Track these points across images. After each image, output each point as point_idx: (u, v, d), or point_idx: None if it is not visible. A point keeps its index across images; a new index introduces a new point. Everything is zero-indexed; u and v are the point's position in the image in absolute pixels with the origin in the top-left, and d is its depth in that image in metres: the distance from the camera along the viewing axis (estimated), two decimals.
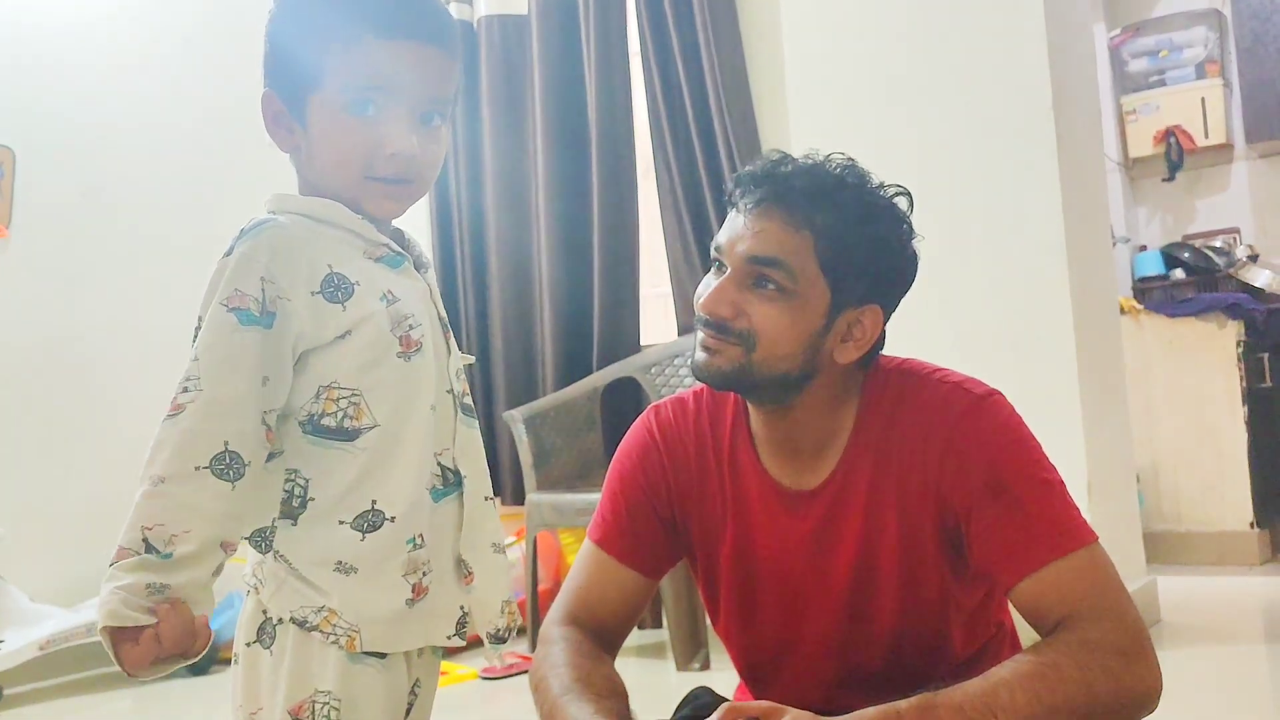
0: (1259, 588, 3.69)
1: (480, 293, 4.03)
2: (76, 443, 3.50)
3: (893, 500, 1.17)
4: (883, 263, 1.18)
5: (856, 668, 1.22)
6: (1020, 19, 2.97)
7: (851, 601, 1.19)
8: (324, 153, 1.08)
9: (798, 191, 1.15)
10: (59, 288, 3.51)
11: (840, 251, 1.14)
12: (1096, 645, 1.04)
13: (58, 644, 3.06)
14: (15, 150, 3.41)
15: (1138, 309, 4.29)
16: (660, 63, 3.61)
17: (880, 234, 1.17)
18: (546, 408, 3.44)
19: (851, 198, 1.16)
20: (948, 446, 1.14)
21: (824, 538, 1.20)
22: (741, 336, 1.15)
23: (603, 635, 1.30)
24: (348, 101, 1.04)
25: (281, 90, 1.08)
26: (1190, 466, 4.13)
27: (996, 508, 1.11)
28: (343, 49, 1.04)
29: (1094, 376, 2.99)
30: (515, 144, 3.98)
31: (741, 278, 1.16)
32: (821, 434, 1.21)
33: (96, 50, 3.68)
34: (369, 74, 1.04)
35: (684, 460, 1.29)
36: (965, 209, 3.02)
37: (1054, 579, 1.08)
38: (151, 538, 0.95)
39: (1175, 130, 4.69)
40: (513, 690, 2.88)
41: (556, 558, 3.74)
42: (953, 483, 1.13)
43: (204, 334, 1.02)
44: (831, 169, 1.18)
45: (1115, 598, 1.09)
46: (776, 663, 1.27)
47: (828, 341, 1.17)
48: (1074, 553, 1.09)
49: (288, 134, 1.09)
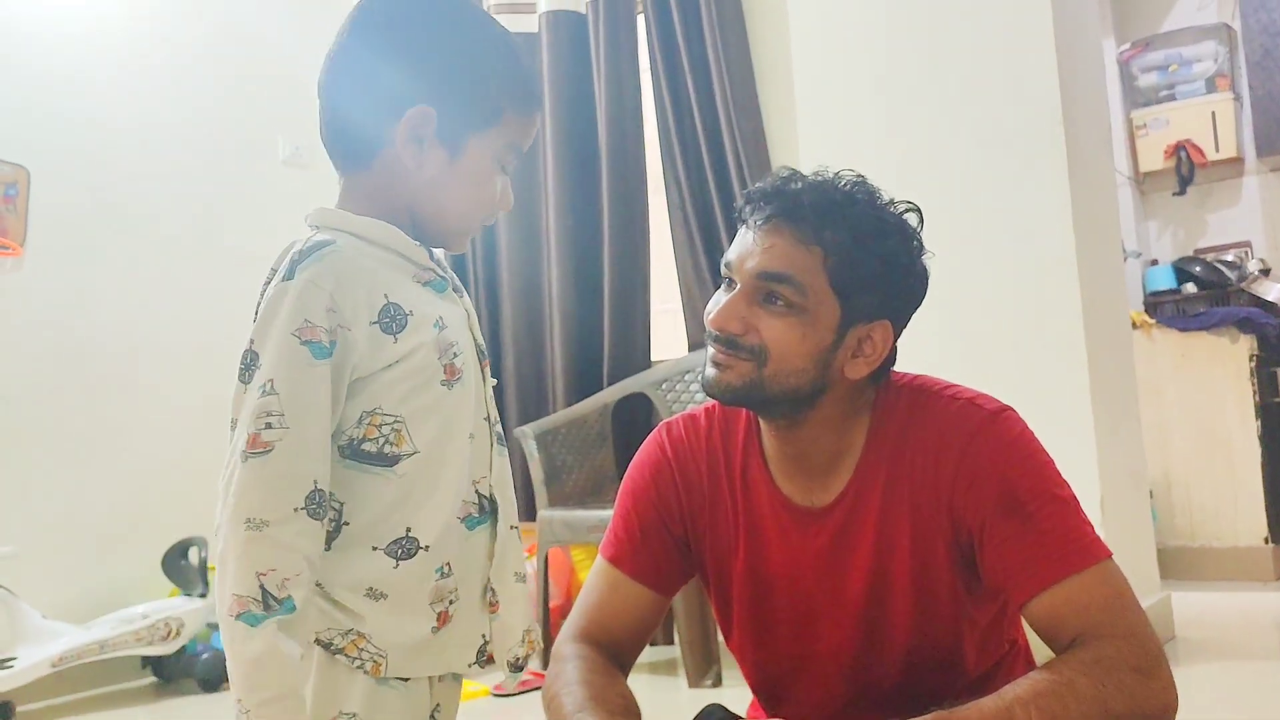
0: (1274, 603, 3.67)
1: (491, 309, 4.04)
2: (89, 460, 3.51)
3: (905, 517, 1.17)
4: (892, 278, 1.18)
5: (869, 685, 1.22)
6: (1029, 34, 2.98)
7: (865, 618, 1.19)
8: (458, 188, 1.11)
9: (807, 208, 1.15)
10: (73, 305, 3.53)
11: (850, 267, 1.14)
12: (1112, 663, 1.03)
13: (70, 661, 3.06)
14: (30, 169, 3.44)
15: (1149, 323, 4.28)
16: (670, 79, 3.62)
17: (890, 250, 1.17)
18: (558, 424, 3.44)
19: (861, 214, 1.16)
20: (960, 463, 1.14)
21: (837, 554, 1.20)
22: (752, 352, 1.15)
23: (616, 652, 1.30)
24: (501, 153, 1.12)
25: (448, 113, 1.08)
26: (1203, 481, 4.12)
27: (1010, 524, 1.11)
28: (521, 106, 1.11)
29: (1106, 391, 2.98)
30: (525, 160, 3.99)
31: (751, 294, 1.16)
32: (833, 450, 1.21)
33: (109, 69, 3.71)
34: (524, 138, 1.14)
35: (696, 477, 1.29)
36: (976, 224, 3.02)
37: (1068, 595, 1.08)
38: (266, 584, 0.94)
39: (1185, 144, 4.69)
40: (524, 708, 2.87)
41: (568, 574, 3.74)
42: (965, 499, 1.13)
43: (279, 366, 1.00)
44: (841, 185, 1.18)
45: (1130, 614, 1.09)
46: (790, 679, 1.27)
47: (838, 357, 1.17)
48: (1088, 569, 1.09)
49: (417, 151, 1.07)
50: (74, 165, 3.57)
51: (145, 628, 3.22)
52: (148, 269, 3.73)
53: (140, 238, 3.72)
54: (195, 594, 3.37)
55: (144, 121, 3.77)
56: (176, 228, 3.82)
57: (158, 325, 3.73)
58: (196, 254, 3.87)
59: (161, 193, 3.80)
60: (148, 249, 3.74)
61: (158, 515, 3.60)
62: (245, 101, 4.10)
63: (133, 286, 3.68)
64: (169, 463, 3.70)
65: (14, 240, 3.38)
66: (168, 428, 3.71)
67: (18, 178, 3.41)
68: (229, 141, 4.03)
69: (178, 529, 3.53)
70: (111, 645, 3.16)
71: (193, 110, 3.92)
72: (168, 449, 3.70)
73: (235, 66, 4.08)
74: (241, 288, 4.02)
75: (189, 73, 3.93)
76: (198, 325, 3.85)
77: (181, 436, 3.74)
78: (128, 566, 3.47)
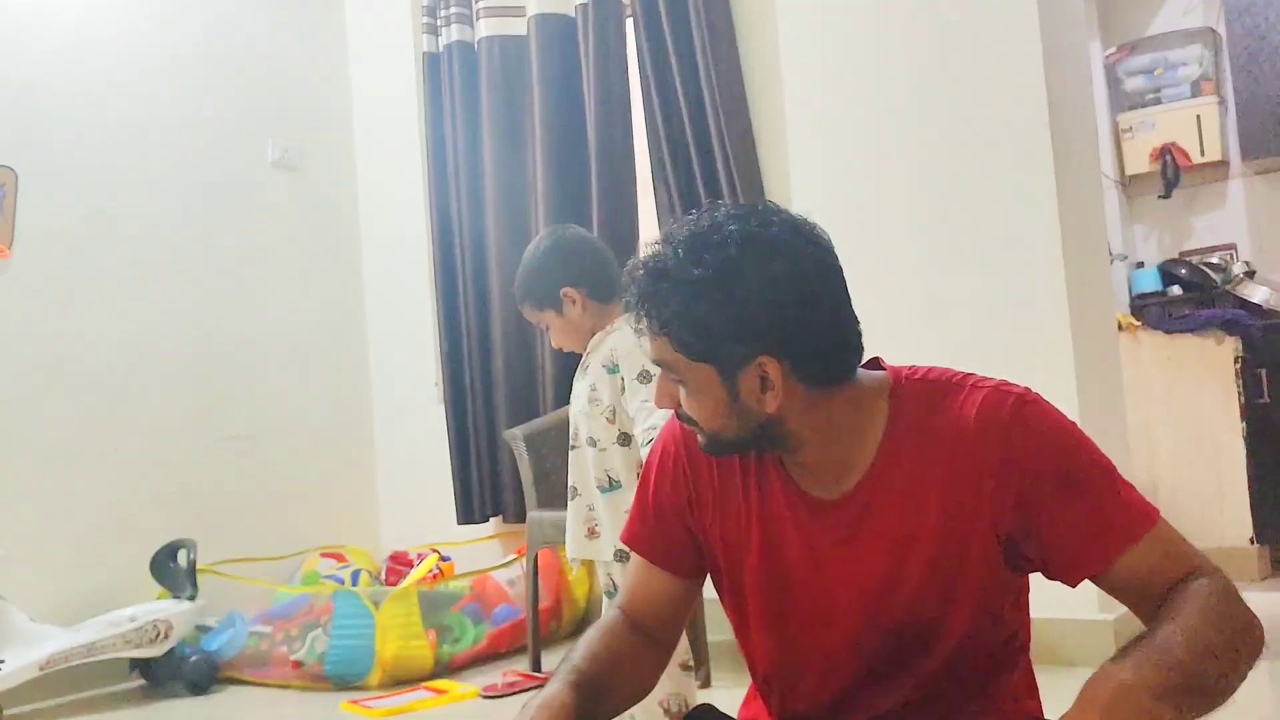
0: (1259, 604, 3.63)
1: (481, 311, 4.05)
2: (77, 463, 3.50)
3: (933, 506, 1.18)
4: (744, 322, 1.14)
5: (886, 673, 1.24)
6: (1016, 38, 3.00)
7: (881, 608, 1.21)
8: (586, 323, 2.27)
9: (643, 297, 1.18)
10: (60, 308, 3.52)
11: (691, 335, 1.15)
12: (1212, 596, 1.11)
13: (58, 664, 3.06)
14: (17, 171, 3.43)
15: (1135, 326, 4.30)
16: (659, 81, 3.63)
17: (733, 296, 1.14)
18: (547, 426, 3.44)
19: (686, 278, 1.15)
20: (1007, 451, 1.16)
21: (853, 545, 1.21)
22: (690, 420, 1.23)
23: (646, 630, 1.35)
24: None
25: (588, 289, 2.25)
26: (1189, 483, 4.14)
27: (1075, 504, 1.15)
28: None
29: (1092, 393, 3.00)
30: (515, 163, 4.00)
31: (665, 375, 1.23)
32: (845, 454, 1.22)
33: (98, 71, 3.70)
34: None
35: (704, 467, 1.31)
36: (963, 227, 3.04)
37: (1144, 555, 1.14)
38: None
39: (1171, 147, 4.72)
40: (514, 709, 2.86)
41: (557, 575, 3.74)
42: (1019, 485, 1.16)
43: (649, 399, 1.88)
44: (674, 248, 1.17)
45: (1197, 554, 1.17)
46: (805, 670, 1.29)
47: (748, 404, 1.17)
48: (1155, 527, 1.16)
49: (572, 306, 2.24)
50: (62, 167, 3.57)
51: (133, 630, 3.21)
52: (136, 271, 3.73)
53: (128, 239, 3.72)
54: (184, 596, 3.37)
55: (132, 123, 3.77)
56: (165, 229, 3.82)
57: (146, 327, 3.73)
58: (185, 255, 3.87)
59: (150, 194, 3.80)
60: (136, 251, 3.73)
61: (145, 518, 3.59)
62: (235, 104, 4.10)
63: (121, 288, 3.68)
64: (157, 465, 3.69)
65: (1, 242, 3.37)
66: (155, 430, 3.71)
67: (5, 179, 3.40)
68: (218, 143, 4.03)
69: (166, 532, 3.52)
70: (100, 648, 3.15)
71: (182, 112, 3.91)
72: (155, 452, 3.70)
73: (225, 69, 4.08)
74: (229, 289, 4.05)
75: (178, 75, 3.93)
76: (186, 327, 3.84)
77: (169, 439, 3.74)
78: (116, 569, 3.46)
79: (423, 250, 4.29)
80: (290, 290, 4.21)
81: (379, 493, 4.45)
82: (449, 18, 4.15)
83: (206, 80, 4.01)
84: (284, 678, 3.30)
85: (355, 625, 3.24)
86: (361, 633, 3.23)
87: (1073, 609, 2.68)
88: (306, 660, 3.25)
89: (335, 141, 4.46)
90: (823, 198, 3.23)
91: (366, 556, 4.16)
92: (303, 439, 4.19)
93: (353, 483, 4.38)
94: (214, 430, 3.87)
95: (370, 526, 4.39)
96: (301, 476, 4.16)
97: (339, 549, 4.11)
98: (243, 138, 4.11)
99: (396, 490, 4.42)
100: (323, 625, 3.28)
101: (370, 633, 3.21)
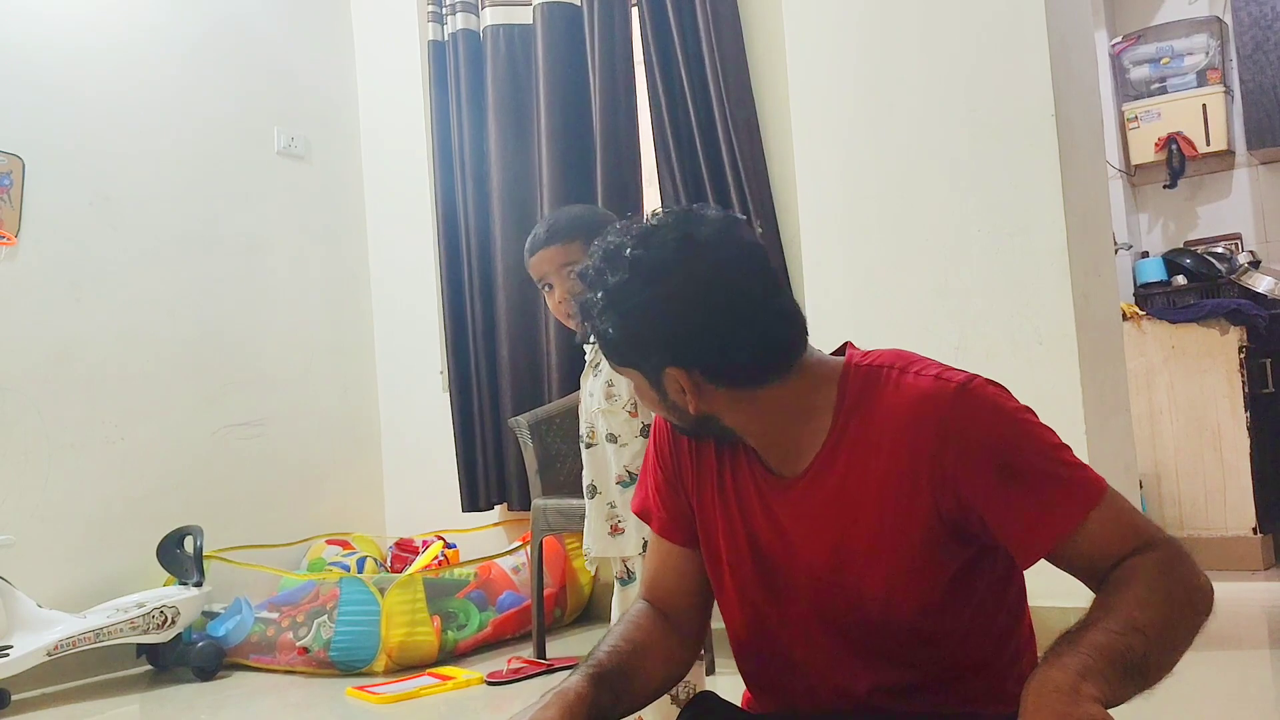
0: (1262, 593, 3.70)
1: (486, 300, 4.05)
2: (84, 450, 3.52)
3: (872, 489, 1.20)
4: (641, 337, 1.21)
5: (854, 646, 1.26)
6: (1022, 27, 2.99)
7: (834, 584, 1.24)
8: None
9: (581, 307, 1.26)
10: (68, 295, 3.53)
11: (608, 348, 1.24)
12: (1159, 566, 1.11)
13: (65, 649, 3.08)
14: (25, 159, 3.44)
15: (1140, 315, 4.30)
16: (664, 70, 3.63)
17: (630, 316, 1.20)
18: (551, 414, 3.45)
19: (596, 295, 1.22)
20: (942, 439, 1.16)
21: (803, 522, 1.25)
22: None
23: (670, 610, 1.38)
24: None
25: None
26: (1193, 472, 4.15)
27: (1014, 490, 1.14)
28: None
29: (1096, 383, 3.00)
30: (520, 153, 4.01)
31: None
32: (797, 433, 1.25)
33: (105, 59, 3.71)
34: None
35: (685, 441, 1.36)
36: (967, 216, 3.04)
37: (1090, 533, 1.14)
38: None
39: (1177, 137, 4.71)
40: (518, 695, 2.89)
41: (562, 562, 3.76)
42: (956, 473, 1.15)
43: None
44: (594, 264, 1.23)
45: (1145, 524, 1.17)
46: (773, 641, 1.31)
47: (678, 402, 1.24)
48: (1100, 504, 1.14)
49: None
50: (69, 155, 3.58)
51: (141, 616, 3.23)
52: (142, 258, 3.74)
53: (135, 227, 3.73)
54: (190, 582, 3.39)
55: (139, 111, 3.78)
56: (171, 217, 3.83)
57: (152, 315, 3.74)
58: (191, 243, 3.88)
59: (156, 182, 3.80)
60: (142, 238, 3.74)
61: (152, 505, 3.61)
62: (241, 92, 4.10)
63: (127, 276, 3.69)
64: (163, 453, 3.71)
65: (8, 230, 3.39)
66: (161, 418, 3.72)
67: (12, 167, 3.41)
68: (225, 131, 4.03)
69: (173, 518, 3.54)
70: (107, 633, 3.17)
71: (188, 100, 3.92)
72: (161, 439, 3.71)
73: (231, 57, 4.09)
74: (236, 277, 4.06)
75: (185, 63, 3.93)
76: (192, 314, 3.85)
77: (175, 427, 3.75)
78: (123, 555, 3.49)
79: (428, 238, 4.30)
80: (296, 278, 4.22)
81: (384, 480, 4.47)
82: (454, 6, 4.15)
83: (213, 69, 4.01)
84: (290, 664, 3.32)
85: (361, 612, 3.26)
86: (367, 619, 3.25)
87: (1079, 599, 2.69)
88: (312, 646, 3.27)
89: (341, 130, 4.47)
90: (827, 186, 3.23)
91: (372, 543, 4.17)
92: (308, 427, 4.20)
93: (358, 470, 4.40)
94: (220, 418, 3.88)
95: (376, 513, 4.41)
96: (307, 464, 4.18)
97: (345, 536, 4.13)
98: (249, 126, 4.12)
99: (402, 478, 4.44)
100: (329, 611, 3.30)
101: (376, 619, 3.23)
